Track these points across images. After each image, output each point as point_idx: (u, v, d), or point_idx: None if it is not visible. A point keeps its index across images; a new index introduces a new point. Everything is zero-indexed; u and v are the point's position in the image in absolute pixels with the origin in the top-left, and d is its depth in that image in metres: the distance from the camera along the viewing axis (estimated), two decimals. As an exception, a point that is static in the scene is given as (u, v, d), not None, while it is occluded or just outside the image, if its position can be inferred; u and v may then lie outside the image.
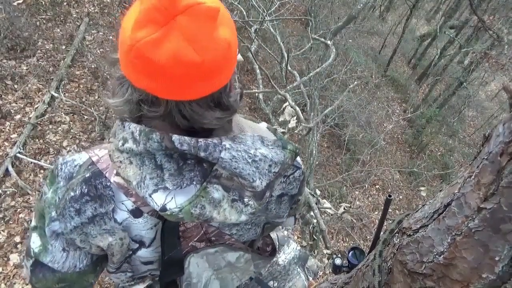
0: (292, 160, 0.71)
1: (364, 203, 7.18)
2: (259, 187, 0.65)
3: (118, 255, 0.71)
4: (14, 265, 3.32)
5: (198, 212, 0.63)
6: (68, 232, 0.65)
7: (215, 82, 0.58)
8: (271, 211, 0.81)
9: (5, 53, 4.78)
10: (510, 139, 0.57)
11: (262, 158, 0.65)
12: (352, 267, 1.17)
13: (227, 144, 0.63)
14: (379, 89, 10.71)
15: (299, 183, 0.83)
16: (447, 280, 0.69)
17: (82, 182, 0.65)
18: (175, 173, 0.63)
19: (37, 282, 0.72)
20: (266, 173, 0.66)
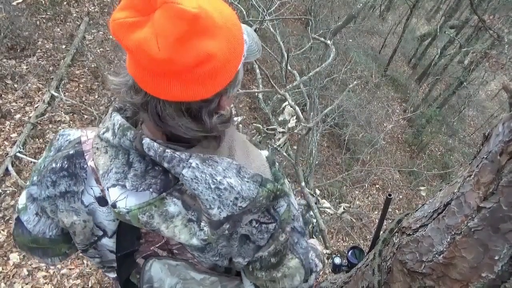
0: (269, 201, 0.65)
1: (364, 203, 7.18)
2: (215, 216, 0.61)
3: (80, 236, 0.73)
4: (14, 264, 3.32)
5: (145, 220, 0.63)
6: (41, 199, 0.70)
7: (187, 91, 0.56)
8: (233, 248, 0.73)
9: (5, 52, 4.78)
10: (509, 138, 0.57)
11: (228, 188, 0.61)
12: (352, 266, 1.17)
13: (194, 162, 0.60)
14: (379, 89, 10.71)
15: (269, 237, 0.71)
16: (447, 279, 0.69)
17: (64, 157, 0.69)
18: (139, 175, 0.63)
19: (17, 236, 0.80)
20: (229, 204, 0.61)
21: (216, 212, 0.61)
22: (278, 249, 0.74)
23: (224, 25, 0.57)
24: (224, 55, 0.57)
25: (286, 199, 0.72)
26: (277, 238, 0.72)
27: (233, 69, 0.61)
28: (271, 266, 0.76)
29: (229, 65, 0.59)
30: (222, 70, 0.58)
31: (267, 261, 0.75)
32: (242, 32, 0.63)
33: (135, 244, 0.74)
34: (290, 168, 6.06)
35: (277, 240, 0.72)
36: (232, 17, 0.61)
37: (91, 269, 3.53)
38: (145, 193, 0.63)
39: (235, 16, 0.62)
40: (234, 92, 0.68)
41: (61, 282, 3.37)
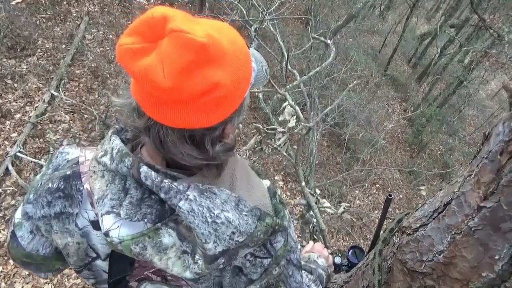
0: (266, 235, 0.64)
1: (364, 202, 7.18)
2: (210, 250, 0.60)
3: (74, 257, 0.72)
4: (14, 264, 3.32)
5: (137, 251, 0.62)
6: (36, 218, 0.69)
7: (191, 119, 0.55)
8: (225, 279, 0.72)
9: (5, 52, 4.78)
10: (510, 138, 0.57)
11: (225, 222, 0.60)
12: (352, 266, 1.17)
13: (192, 195, 0.59)
14: (379, 88, 10.70)
15: (263, 272, 0.70)
16: (447, 279, 0.69)
17: (61, 178, 0.68)
18: (135, 203, 0.62)
19: (12, 249, 0.78)
20: (225, 239, 0.60)
21: (211, 246, 0.60)
22: (270, 282, 0.72)
23: (232, 54, 0.57)
24: (231, 84, 0.56)
25: (284, 233, 0.70)
26: (270, 273, 0.71)
27: (239, 98, 0.60)
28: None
29: (235, 94, 0.58)
30: (227, 99, 0.57)
31: None
32: (250, 60, 0.62)
33: (128, 269, 0.73)
34: (290, 168, 6.06)
35: (270, 274, 0.71)
36: (241, 45, 0.60)
37: (91, 268, 3.54)
38: (139, 223, 0.62)
39: (244, 43, 0.61)
40: (240, 120, 0.67)
41: (61, 282, 3.37)
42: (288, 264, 0.78)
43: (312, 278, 0.99)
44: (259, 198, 0.68)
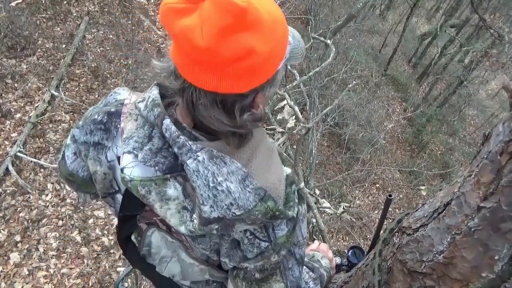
0: (265, 217, 0.64)
1: (364, 202, 7.18)
2: (206, 213, 0.62)
3: (100, 185, 0.79)
4: (14, 263, 3.33)
5: (142, 193, 0.66)
6: (79, 142, 0.78)
7: (223, 83, 0.57)
8: (223, 248, 0.74)
9: (5, 52, 4.78)
10: (510, 138, 0.57)
11: (225, 192, 0.61)
12: (352, 266, 1.17)
13: (202, 157, 0.61)
14: (379, 88, 10.70)
15: (259, 253, 0.71)
16: (447, 279, 0.69)
17: (106, 113, 0.76)
18: (153, 151, 0.66)
19: (60, 166, 0.89)
20: (222, 207, 0.62)
21: (207, 210, 0.62)
22: (266, 267, 0.73)
23: (270, 24, 0.58)
24: (265, 53, 0.57)
25: (290, 224, 0.70)
26: (267, 257, 0.72)
27: (272, 68, 0.61)
28: (254, 281, 0.76)
29: (269, 64, 0.60)
30: (260, 68, 0.58)
31: (252, 274, 0.74)
32: (287, 34, 0.63)
33: (139, 209, 0.77)
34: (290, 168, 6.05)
35: (267, 259, 0.72)
36: (280, 17, 0.61)
37: (91, 268, 3.54)
38: (151, 169, 0.66)
39: (283, 17, 0.62)
40: (271, 93, 0.69)
41: (61, 282, 3.37)
42: (290, 257, 0.79)
43: (312, 276, 0.98)
44: (273, 182, 0.68)
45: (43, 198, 3.86)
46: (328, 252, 1.14)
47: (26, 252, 3.43)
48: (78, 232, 3.75)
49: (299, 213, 0.75)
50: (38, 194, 3.85)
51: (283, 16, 0.63)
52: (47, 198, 3.88)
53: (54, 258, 3.49)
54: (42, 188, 3.91)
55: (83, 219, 3.87)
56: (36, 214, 3.71)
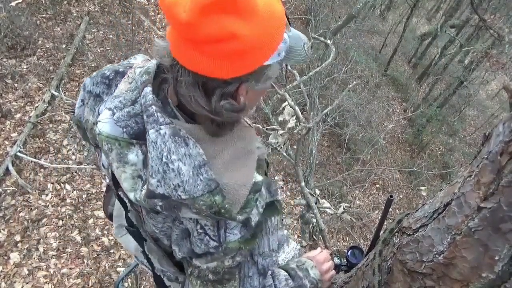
0: (209, 211, 0.63)
1: (364, 202, 7.18)
2: (152, 186, 0.62)
3: (90, 135, 0.81)
4: (14, 263, 3.32)
5: (105, 149, 0.68)
6: (86, 90, 0.80)
7: (203, 63, 0.58)
8: (174, 234, 0.74)
9: (6, 52, 4.78)
10: (510, 139, 0.57)
11: (175, 171, 0.61)
12: (352, 266, 1.17)
13: (164, 130, 0.62)
14: (379, 88, 10.70)
15: (208, 253, 0.70)
16: (447, 279, 0.69)
17: (114, 70, 0.79)
18: (131, 114, 0.68)
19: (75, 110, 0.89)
20: (169, 186, 0.61)
21: (154, 183, 0.62)
22: (219, 270, 0.72)
23: (263, 15, 0.58)
24: (249, 41, 0.57)
25: (245, 231, 0.68)
26: (219, 259, 0.70)
27: (257, 60, 0.61)
28: (209, 281, 0.75)
29: (254, 54, 0.59)
30: (243, 55, 0.58)
31: (205, 274, 0.74)
32: (281, 30, 0.63)
33: None
34: (290, 168, 6.06)
35: (220, 261, 0.71)
36: (278, 13, 0.61)
37: (91, 268, 3.54)
38: (119, 129, 0.67)
39: (281, 14, 0.62)
40: (260, 89, 0.69)
41: (61, 282, 3.37)
42: (252, 266, 0.77)
43: (290, 284, 0.91)
44: (236, 183, 0.66)
45: (43, 198, 3.86)
46: (324, 263, 1.05)
47: (26, 252, 3.43)
48: (78, 232, 3.75)
49: (265, 224, 0.74)
50: (38, 194, 3.85)
51: (282, 13, 0.63)
52: (47, 198, 3.87)
53: (54, 258, 3.49)
54: (42, 188, 3.91)
55: (83, 219, 3.87)
56: (36, 214, 3.71)
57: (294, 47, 0.68)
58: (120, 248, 3.70)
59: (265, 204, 0.72)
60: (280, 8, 0.63)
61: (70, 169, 4.13)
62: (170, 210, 0.66)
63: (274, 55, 0.63)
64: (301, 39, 0.70)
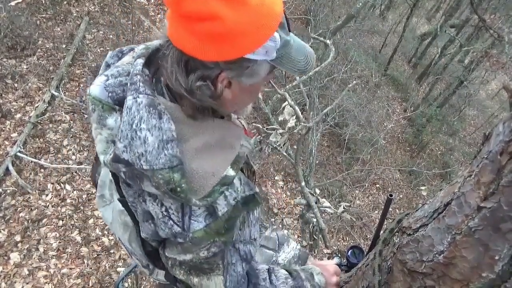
0: (166, 186, 0.63)
1: (364, 202, 7.18)
2: (118, 150, 0.64)
3: None
4: (14, 264, 3.32)
5: (90, 109, 0.72)
6: (104, 61, 0.82)
7: (184, 39, 0.60)
8: (137, 212, 0.74)
9: (5, 52, 4.78)
10: (510, 138, 0.57)
11: (141, 140, 0.62)
12: (352, 266, 1.17)
13: (141, 99, 0.64)
14: (379, 88, 10.69)
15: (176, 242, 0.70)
16: (447, 279, 0.69)
17: (131, 47, 0.81)
18: (121, 83, 0.72)
19: None
20: (134, 153, 0.63)
21: (120, 147, 0.64)
22: (195, 262, 0.72)
23: (254, 6, 0.59)
24: (233, 28, 0.58)
25: (210, 219, 0.68)
26: (191, 252, 0.70)
27: (239, 49, 0.61)
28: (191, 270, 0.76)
29: (235, 42, 0.60)
30: (223, 40, 0.59)
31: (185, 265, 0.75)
32: (271, 27, 0.63)
33: None
34: (290, 168, 6.06)
35: (194, 254, 0.71)
36: (271, 10, 0.62)
37: (91, 268, 3.54)
38: (105, 94, 0.71)
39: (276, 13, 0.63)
40: (247, 84, 0.69)
41: (61, 282, 3.37)
42: (234, 252, 0.78)
43: (290, 282, 0.92)
44: (204, 171, 0.66)
45: (43, 198, 3.86)
46: (333, 276, 1.05)
47: (26, 252, 3.43)
48: (78, 232, 3.75)
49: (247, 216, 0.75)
50: (38, 194, 3.85)
51: (277, 13, 0.63)
52: (47, 198, 3.87)
53: (54, 258, 3.49)
54: (42, 188, 3.91)
55: (83, 219, 3.87)
56: (36, 214, 3.71)
57: (293, 55, 0.68)
58: (120, 248, 3.70)
59: (241, 198, 0.71)
60: (278, 8, 0.63)
61: (70, 169, 4.13)
62: (133, 179, 0.66)
63: (259, 51, 0.63)
64: (304, 50, 0.70)
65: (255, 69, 0.67)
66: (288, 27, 0.68)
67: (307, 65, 0.71)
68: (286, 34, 0.68)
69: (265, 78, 0.72)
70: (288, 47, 0.68)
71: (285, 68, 0.70)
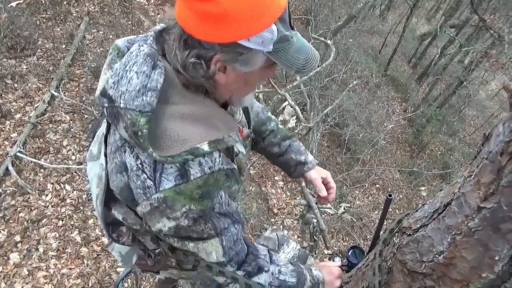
0: (131, 128, 0.65)
1: (364, 203, 7.18)
2: (107, 85, 0.69)
3: None
4: (14, 264, 3.32)
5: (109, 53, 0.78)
6: None
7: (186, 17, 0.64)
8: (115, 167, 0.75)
9: (5, 52, 4.78)
10: (510, 139, 0.57)
11: (126, 81, 0.67)
12: (352, 266, 1.17)
13: (144, 47, 0.70)
14: (379, 89, 10.70)
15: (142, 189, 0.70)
16: (447, 279, 0.69)
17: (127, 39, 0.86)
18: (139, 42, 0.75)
19: None
20: (118, 91, 0.67)
21: (110, 83, 0.70)
22: (180, 230, 0.74)
23: None
24: (228, 11, 0.60)
25: (180, 180, 0.68)
26: (168, 217, 0.71)
27: (232, 33, 0.63)
28: (182, 239, 0.77)
29: (229, 25, 0.62)
30: (220, 22, 0.62)
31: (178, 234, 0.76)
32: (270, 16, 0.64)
33: None
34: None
35: (174, 221, 0.71)
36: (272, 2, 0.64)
37: (91, 269, 3.54)
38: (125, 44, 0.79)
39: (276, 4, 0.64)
40: (241, 72, 0.71)
41: (61, 282, 3.37)
42: (224, 218, 0.79)
43: (290, 267, 0.96)
44: (177, 134, 0.68)
45: (43, 198, 3.85)
46: (337, 279, 1.07)
47: (26, 252, 3.43)
48: (78, 232, 3.75)
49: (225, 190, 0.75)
50: (38, 194, 3.85)
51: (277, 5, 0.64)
52: (47, 199, 3.87)
53: (54, 259, 3.49)
54: (42, 189, 3.91)
55: (83, 219, 3.87)
56: (36, 214, 3.70)
57: (291, 52, 0.69)
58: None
59: (218, 169, 0.72)
60: (282, 2, 0.65)
61: (70, 169, 4.13)
62: (112, 117, 0.69)
63: (255, 40, 0.65)
64: (307, 51, 0.71)
65: (249, 57, 0.68)
66: (290, 23, 0.69)
67: (306, 65, 0.72)
68: (287, 29, 0.68)
69: (262, 71, 0.73)
70: (287, 43, 0.69)
71: (280, 62, 0.70)
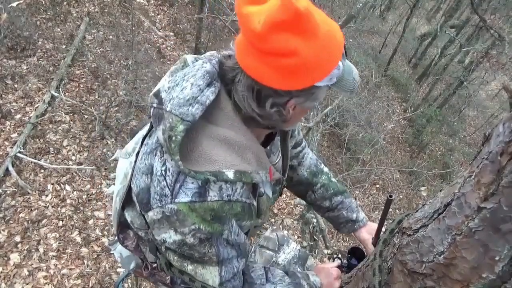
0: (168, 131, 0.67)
1: (364, 203, 7.17)
2: (163, 88, 0.73)
3: None
4: (14, 264, 3.32)
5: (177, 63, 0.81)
6: None
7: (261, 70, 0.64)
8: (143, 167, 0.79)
9: (5, 52, 4.78)
10: (510, 139, 0.57)
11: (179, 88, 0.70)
12: (352, 267, 1.17)
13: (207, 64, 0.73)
14: (379, 89, 10.69)
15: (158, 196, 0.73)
16: (447, 279, 0.69)
17: None
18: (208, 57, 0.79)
19: None
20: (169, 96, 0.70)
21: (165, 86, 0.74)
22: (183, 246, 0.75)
23: (322, 38, 0.64)
24: (307, 60, 0.63)
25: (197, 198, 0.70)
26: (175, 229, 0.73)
27: (311, 78, 0.67)
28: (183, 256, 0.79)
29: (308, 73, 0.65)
30: (298, 72, 0.65)
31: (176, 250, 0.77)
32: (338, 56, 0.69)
33: None
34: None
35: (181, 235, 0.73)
36: (336, 41, 0.67)
37: (91, 269, 3.54)
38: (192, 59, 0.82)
39: (340, 42, 0.69)
40: (306, 107, 0.75)
41: (61, 282, 3.37)
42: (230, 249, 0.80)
43: (286, 279, 0.95)
44: (207, 154, 0.70)
45: (43, 198, 3.85)
46: (336, 280, 1.08)
47: (26, 253, 3.43)
48: (78, 232, 3.75)
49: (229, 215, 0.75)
50: (38, 195, 3.85)
51: (341, 42, 0.69)
52: (47, 199, 3.87)
53: (54, 259, 3.49)
54: (42, 189, 3.91)
55: (83, 219, 3.87)
56: (36, 214, 3.70)
57: (345, 77, 0.73)
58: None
59: (236, 199, 0.73)
60: (339, 36, 0.68)
61: (70, 169, 4.13)
62: (155, 118, 0.72)
63: (326, 78, 0.69)
64: (353, 72, 0.75)
65: (318, 93, 0.72)
66: (345, 52, 0.73)
67: (355, 84, 0.76)
68: (344, 58, 0.73)
69: None
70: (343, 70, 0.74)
71: (342, 90, 0.75)
